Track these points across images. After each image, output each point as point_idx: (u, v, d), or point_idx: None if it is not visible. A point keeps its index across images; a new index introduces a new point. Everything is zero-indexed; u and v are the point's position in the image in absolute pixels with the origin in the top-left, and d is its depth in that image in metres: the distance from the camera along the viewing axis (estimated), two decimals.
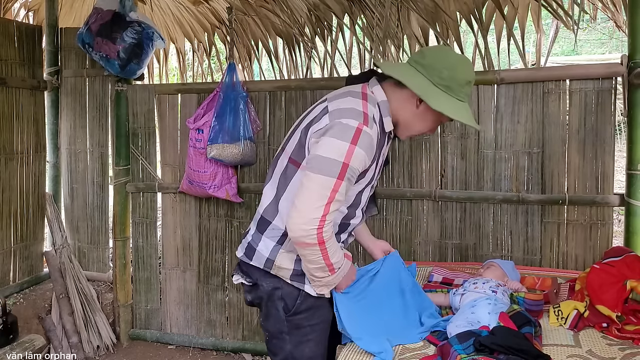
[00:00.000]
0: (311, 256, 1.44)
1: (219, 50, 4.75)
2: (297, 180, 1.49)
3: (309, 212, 1.36)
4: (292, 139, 1.56)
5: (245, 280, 1.65)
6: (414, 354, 1.52)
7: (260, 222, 1.59)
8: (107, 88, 3.42)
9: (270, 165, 1.65)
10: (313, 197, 1.36)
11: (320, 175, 1.37)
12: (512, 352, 1.34)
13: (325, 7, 3.48)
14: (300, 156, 1.50)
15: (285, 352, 1.62)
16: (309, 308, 1.59)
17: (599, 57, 8.52)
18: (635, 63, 2.19)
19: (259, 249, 1.58)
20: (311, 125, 1.50)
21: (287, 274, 1.56)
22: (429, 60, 1.50)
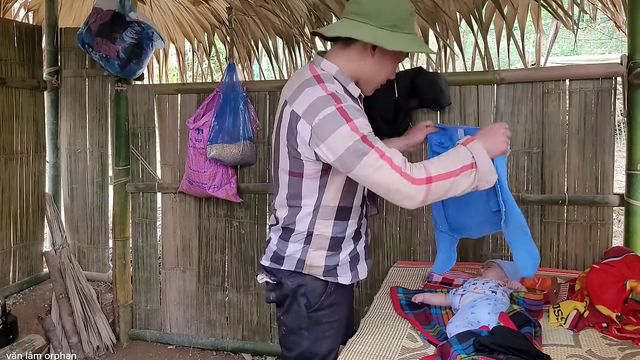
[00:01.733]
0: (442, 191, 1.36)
1: (219, 51, 4.76)
2: (307, 187, 1.52)
3: (395, 186, 1.33)
4: (280, 156, 1.55)
5: (270, 279, 1.66)
6: (413, 354, 1.52)
7: (284, 232, 1.61)
8: (106, 88, 3.42)
9: (274, 181, 1.65)
10: (380, 176, 1.34)
11: (361, 162, 1.34)
12: (512, 352, 1.34)
13: (325, 7, 3.48)
14: (299, 167, 1.50)
15: (302, 347, 1.62)
16: (331, 305, 1.61)
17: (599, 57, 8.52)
18: (635, 63, 2.19)
19: (287, 254, 1.59)
20: (293, 135, 1.46)
21: (320, 271, 1.58)
22: (368, 7, 1.48)
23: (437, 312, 1.80)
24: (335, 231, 1.58)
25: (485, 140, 1.42)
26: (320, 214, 1.55)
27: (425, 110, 2.59)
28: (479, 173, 1.37)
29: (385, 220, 2.76)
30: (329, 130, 1.37)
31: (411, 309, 1.82)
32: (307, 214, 1.55)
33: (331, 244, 1.58)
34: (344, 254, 1.62)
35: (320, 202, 1.54)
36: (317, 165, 1.48)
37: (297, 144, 1.46)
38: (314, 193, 1.53)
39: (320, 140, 1.39)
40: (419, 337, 1.63)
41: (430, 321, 1.75)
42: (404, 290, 1.95)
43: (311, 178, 1.51)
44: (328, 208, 1.55)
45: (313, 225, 1.56)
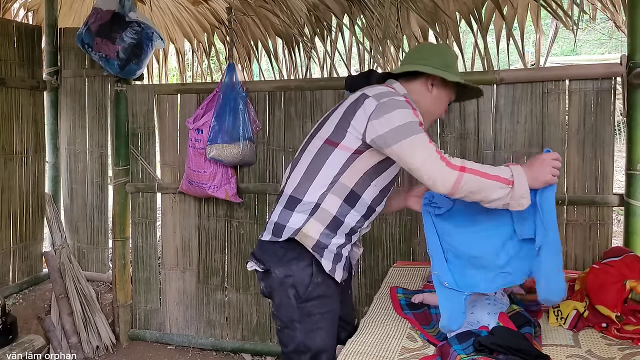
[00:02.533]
0: (474, 187, 1.43)
1: (219, 51, 4.75)
2: (334, 158, 1.61)
3: (431, 164, 1.43)
4: (326, 125, 1.68)
5: (259, 267, 1.71)
6: (413, 354, 1.52)
7: (290, 201, 1.67)
8: (106, 88, 3.42)
9: (298, 154, 1.75)
10: (423, 153, 1.45)
11: (411, 137, 1.47)
12: (512, 352, 1.34)
13: (324, 7, 3.48)
14: (339, 137, 1.61)
15: (296, 341, 1.65)
16: (320, 296, 1.65)
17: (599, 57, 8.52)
18: (634, 63, 2.20)
19: (289, 224, 1.64)
20: (354, 109, 1.60)
21: (310, 243, 1.62)
22: (426, 53, 1.74)
23: (437, 312, 1.80)
24: (340, 212, 1.63)
25: (530, 168, 1.48)
26: (334, 189, 1.62)
27: None
28: (514, 192, 1.43)
29: (385, 220, 2.76)
30: (395, 106, 1.54)
31: (411, 309, 1.82)
32: (321, 185, 1.62)
33: (331, 223, 1.63)
34: (335, 241, 1.65)
35: (338, 177, 1.61)
36: (357, 142, 1.59)
37: (354, 116, 1.59)
38: (337, 166, 1.61)
39: (381, 113, 1.53)
40: (418, 337, 1.63)
41: (430, 321, 1.75)
42: (404, 291, 1.95)
43: (344, 150, 1.60)
44: (342, 187, 1.62)
45: (323, 198, 1.62)
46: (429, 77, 1.69)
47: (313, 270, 1.63)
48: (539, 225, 1.47)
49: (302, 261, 1.63)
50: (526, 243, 1.52)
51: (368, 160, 1.61)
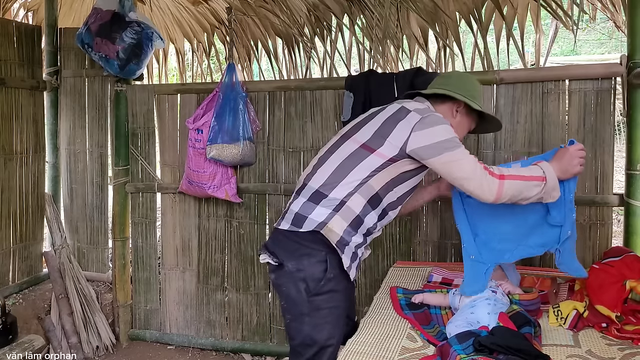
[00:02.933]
0: (514, 191, 1.58)
1: (219, 51, 4.75)
2: (368, 162, 1.70)
3: (478, 175, 1.59)
4: (363, 130, 1.77)
5: (272, 260, 1.76)
6: (413, 354, 1.52)
7: (315, 195, 1.73)
8: (106, 88, 3.42)
9: (327, 152, 1.81)
10: (468, 164, 1.61)
11: (455, 150, 1.63)
12: (512, 352, 1.34)
13: (324, 7, 3.48)
14: (376, 144, 1.71)
15: (303, 334, 1.71)
16: (330, 291, 1.70)
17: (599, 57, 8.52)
18: (634, 63, 2.19)
19: (311, 216, 1.70)
20: (396, 120, 1.71)
21: (335, 238, 1.68)
22: (453, 81, 1.85)
23: (437, 312, 1.80)
24: (363, 212, 1.71)
25: (559, 162, 1.64)
26: (361, 190, 1.70)
27: None
28: (547, 187, 1.59)
29: None
30: (438, 122, 1.67)
31: (411, 309, 1.82)
32: (349, 184, 1.70)
33: (353, 221, 1.71)
34: (355, 240, 1.73)
35: (368, 180, 1.70)
36: (394, 151, 1.68)
37: (395, 127, 1.70)
38: (369, 170, 1.70)
39: (425, 126, 1.65)
40: (418, 337, 1.63)
41: (430, 321, 1.75)
42: (404, 291, 1.95)
43: (379, 157, 1.69)
44: (370, 188, 1.70)
45: (350, 197, 1.70)
46: (454, 103, 1.82)
47: (327, 266, 1.69)
48: (563, 207, 1.63)
49: (314, 257, 1.69)
50: (548, 226, 1.67)
51: (399, 169, 1.72)
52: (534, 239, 1.72)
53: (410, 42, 3.49)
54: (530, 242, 1.71)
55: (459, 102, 1.82)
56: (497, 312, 1.57)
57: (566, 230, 1.66)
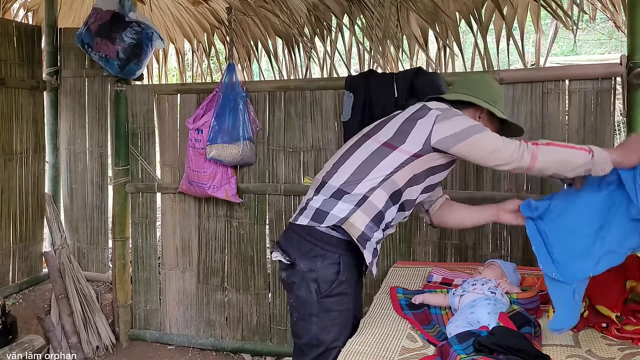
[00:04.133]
0: (553, 155, 1.56)
1: (219, 51, 4.75)
2: (391, 159, 1.69)
3: (505, 141, 1.60)
4: (384, 129, 1.76)
5: (284, 259, 1.74)
6: (413, 354, 1.52)
7: (337, 192, 1.72)
8: (106, 88, 3.42)
9: (348, 151, 1.80)
10: (497, 137, 1.63)
11: (483, 131, 1.63)
12: (512, 352, 1.34)
13: (324, 7, 3.48)
14: (398, 141, 1.70)
15: (310, 334, 1.69)
16: (340, 293, 1.69)
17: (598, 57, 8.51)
18: (634, 63, 2.19)
19: (333, 212, 1.69)
20: (417, 117, 1.72)
21: (357, 233, 1.65)
22: (476, 86, 1.84)
23: (437, 312, 1.80)
24: (385, 206, 1.69)
25: (622, 147, 1.56)
26: (385, 185, 1.68)
27: None
28: (595, 159, 1.51)
29: None
30: (458, 114, 1.69)
31: (411, 309, 1.82)
32: (372, 180, 1.68)
33: (376, 216, 1.68)
34: (377, 235, 1.71)
35: (391, 175, 1.69)
36: (417, 146, 1.68)
37: (416, 123, 1.70)
38: (392, 166, 1.68)
39: (447, 117, 1.66)
40: (418, 337, 1.63)
41: (430, 321, 1.75)
42: (404, 291, 1.95)
43: (402, 153, 1.68)
44: (393, 183, 1.69)
45: (372, 192, 1.68)
46: (477, 109, 1.81)
47: (340, 269, 1.68)
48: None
49: (327, 259, 1.67)
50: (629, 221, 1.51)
51: (426, 164, 1.71)
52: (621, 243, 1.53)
53: (410, 42, 3.49)
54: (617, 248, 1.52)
55: (482, 108, 1.81)
56: (497, 312, 1.57)
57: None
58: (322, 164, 2.84)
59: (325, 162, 2.78)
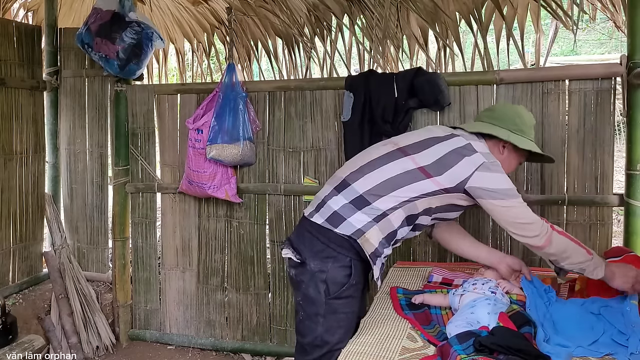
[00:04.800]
0: (562, 245, 1.64)
1: (219, 51, 4.75)
2: (421, 185, 1.69)
3: (536, 219, 1.66)
4: (425, 153, 1.74)
5: (295, 257, 1.74)
6: (414, 354, 1.52)
7: (358, 200, 1.71)
8: (106, 88, 3.42)
9: (380, 159, 1.77)
10: (528, 211, 1.68)
11: (516, 198, 1.68)
12: (512, 352, 1.34)
13: (324, 7, 3.48)
14: (436, 172, 1.70)
15: (315, 334, 1.71)
16: (349, 296, 1.72)
17: (599, 57, 8.52)
18: (634, 63, 2.19)
19: (350, 220, 1.69)
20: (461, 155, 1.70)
21: (370, 249, 1.68)
22: (499, 114, 1.84)
23: (437, 312, 1.80)
24: (399, 225, 1.72)
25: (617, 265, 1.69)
26: (406, 207, 1.70)
27: (424, 110, 2.59)
28: (592, 262, 1.64)
29: None
30: (500, 170, 1.69)
31: (411, 309, 1.82)
32: (396, 200, 1.69)
33: (389, 234, 1.71)
34: (386, 252, 1.74)
35: (415, 200, 1.70)
36: (451, 183, 1.69)
37: (459, 162, 1.69)
38: (419, 192, 1.69)
39: (490, 170, 1.67)
40: (418, 337, 1.63)
41: (430, 321, 1.75)
42: (404, 291, 1.95)
43: (434, 184, 1.69)
44: (413, 207, 1.72)
45: (393, 210, 1.69)
46: (501, 140, 1.80)
47: (352, 272, 1.70)
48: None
49: (339, 262, 1.69)
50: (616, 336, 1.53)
51: (450, 200, 1.74)
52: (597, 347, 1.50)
53: (410, 42, 3.49)
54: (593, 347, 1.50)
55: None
56: (497, 312, 1.57)
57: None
58: (322, 164, 2.84)
59: (325, 162, 2.81)
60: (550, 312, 1.65)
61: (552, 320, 1.62)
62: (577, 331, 1.55)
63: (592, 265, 1.64)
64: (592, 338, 1.51)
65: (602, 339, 1.51)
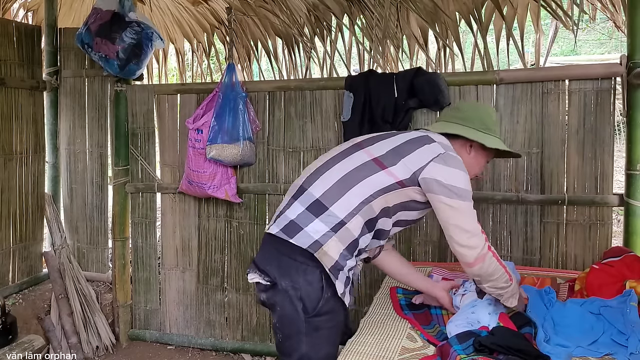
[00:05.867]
0: (491, 268, 1.55)
1: (218, 51, 4.75)
2: (376, 179, 1.59)
3: (477, 230, 1.55)
4: (379, 144, 1.67)
5: (263, 280, 1.61)
6: (413, 354, 1.52)
7: (315, 205, 1.59)
8: (106, 88, 3.42)
9: (334, 158, 1.69)
10: (473, 220, 1.56)
11: (468, 203, 1.57)
12: (512, 353, 1.34)
13: (324, 7, 3.48)
14: (390, 162, 1.61)
15: (299, 353, 1.59)
16: (328, 311, 1.59)
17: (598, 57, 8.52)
18: (634, 63, 2.20)
19: (307, 230, 1.56)
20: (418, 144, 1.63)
21: (329, 262, 1.55)
22: (466, 113, 1.76)
23: (438, 313, 1.80)
24: (359, 234, 1.59)
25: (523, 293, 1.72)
26: (362, 211, 1.57)
27: (424, 110, 2.59)
28: (511, 289, 1.59)
29: None
30: (459, 167, 1.60)
31: (411, 309, 1.82)
32: (352, 203, 1.57)
33: (350, 244, 1.58)
34: (350, 263, 1.60)
35: (371, 200, 1.58)
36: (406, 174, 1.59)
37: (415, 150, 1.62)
38: (374, 187, 1.59)
39: (447, 162, 1.58)
40: (418, 337, 1.63)
41: (430, 321, 1.75)
42: (404, 291, 1.95)
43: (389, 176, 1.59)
44: (370, 210, 1.59)
45: (351, 217, 1.57)
46: (468, 140, 1.72)
47: (323, 285, 1.57)
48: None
49: (310, 275, 1.56)
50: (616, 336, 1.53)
51: (405, 196, 1.62)
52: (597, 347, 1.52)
53: (410, 42, 3.49)
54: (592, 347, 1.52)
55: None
56: (497, 313, 1.57)
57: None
58: None
59: None
60: (551, 313, 1.65)
61: (552, 321, 1.61)
62: (576, 331, 1.55)
63: (510, 293, 1.59)
64: (592, 338, 1.51)
65: (601, 339, 1.51)
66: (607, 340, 1.50)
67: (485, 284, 1.58)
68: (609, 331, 1.53)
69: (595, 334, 1.53)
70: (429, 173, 1.57)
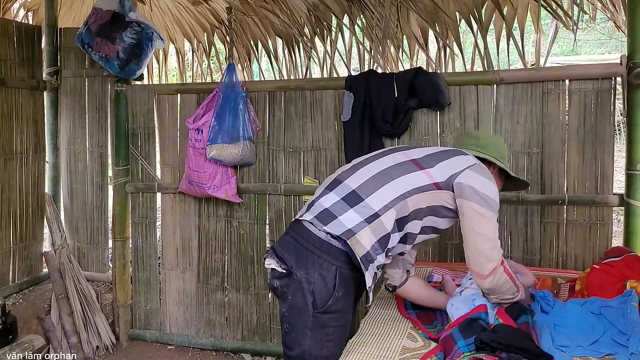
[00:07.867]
0: (502, 282, 1.57)
1: (219, 51, 4.75)
2: (413, 177, 1.64)
3: (496, 240, 1.58)
4: (416, 149, 1.76)
5: (280, 267, 1.62)
6: (414, 353, 1.52)
7: (351, 196, 1.63)
8: (106, 88, 3.42)
9: (371, 157, 1.77)
10: (495, 230, 1.59)
11: (493, 212, 1.60)
12: (513, 350, 1.34)
13: (324, 7, 3.48)
14: (427, 164, 1.67)
15: (302, 347, 1.59)
16: (338, 310, 1.59)
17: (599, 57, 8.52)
18: (634, 63, 2.20)
19: (341, 218, 1.59)
20: (454, 153, 1.71)
21: (361, 252, 1.56)
22: (484, 142, 1.85)
23: (441, 313, 1.80)
24: (392, 229, 1.61)
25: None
26: (397, 207, 1.60)
27: (424, 110, 2.59)
28: (515, 300, 1.62)
29: None
30: (492, 180, 1.67)
31: (414, 309, 1.83)
32: (387, 196, 1.60)
33: (382, 238, 1.59)
34: (379, 259, 1.61)
35: (407, 197, 1.61)
36: (442, 177, 1.64)
37: (452, 157, 1.69)
38: (411, 185, 1.62)
39: (481, 174, 1.64)
40: (419, 337, 1.64)
41: (432, 321, 1.75)
42: None
43: (426, 176, 1.64)
44: (404, 207, 1.61)
45: (385, 211, 1.59)
46: (489, 166, 1.79)
47: (336, 283, 1.57)
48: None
49: (325, 270, 1.57)
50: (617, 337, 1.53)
51: (438, 199, 1.65)
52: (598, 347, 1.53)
53: (410, 42, 3.49)
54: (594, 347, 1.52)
55: (493, 165, 1.80)
56: (495, 307, 1.59)
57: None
58: (322, 164, 2.84)
59: (325, 162, 2.82)
60: (551, 314, 1.65)
61: (552, 321, 1.62)
62: (577, 331, 1.55)
63: (512, 302, 1.62)
64: (593, 338, 1.52)
65: (602, 339, 1.51)
66: (607, 340, 1.51)
67: (493, 296, 1.60)
68: (609, 331, 1.53)
69: (596, 334, 1.53)
70: (464, 179, 1.62)
